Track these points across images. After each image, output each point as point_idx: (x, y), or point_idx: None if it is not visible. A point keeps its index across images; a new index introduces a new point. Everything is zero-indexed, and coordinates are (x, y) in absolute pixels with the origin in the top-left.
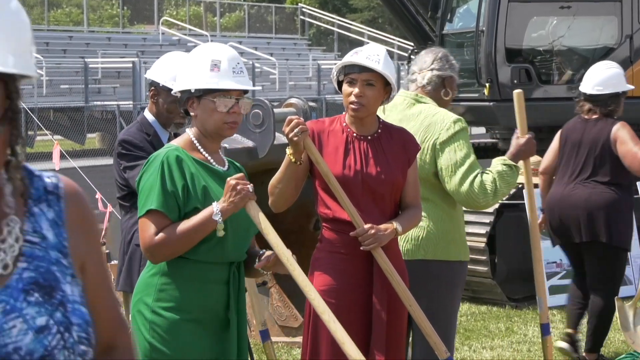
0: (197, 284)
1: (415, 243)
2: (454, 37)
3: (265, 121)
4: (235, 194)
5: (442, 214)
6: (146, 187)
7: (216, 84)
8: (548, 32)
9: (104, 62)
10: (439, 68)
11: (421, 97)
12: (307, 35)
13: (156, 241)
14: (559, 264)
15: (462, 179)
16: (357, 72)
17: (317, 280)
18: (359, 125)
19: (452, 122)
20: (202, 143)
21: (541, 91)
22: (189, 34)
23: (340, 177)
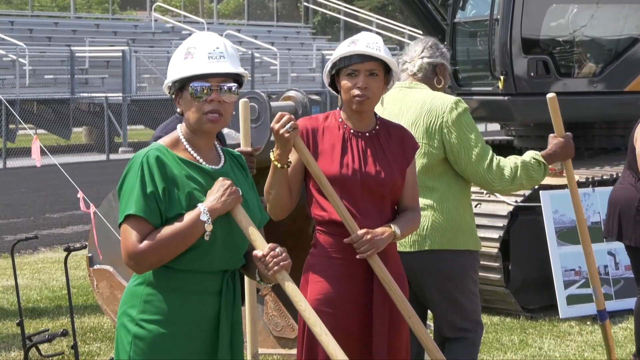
0: (186, 295)
1: (421, 234)
2: (466, 26)
3: (261, 115)
4: (226, 192)
5: (449, 203)
6: (126, 191)
7: (187, 71)
8: (568, 21)
9: (91, 51)
10: (430, 55)
11: (415, 84)
12: (311, 23)
13: (140, 249)
14: (577, 271)
15: (478, 160)
16: (359, 62)
17: (311, 288)
18: (357, 120)
19: (453, 104)
20: (192, 141)
21: (560, 85)
22: (184, 21)
23: (337, 176)
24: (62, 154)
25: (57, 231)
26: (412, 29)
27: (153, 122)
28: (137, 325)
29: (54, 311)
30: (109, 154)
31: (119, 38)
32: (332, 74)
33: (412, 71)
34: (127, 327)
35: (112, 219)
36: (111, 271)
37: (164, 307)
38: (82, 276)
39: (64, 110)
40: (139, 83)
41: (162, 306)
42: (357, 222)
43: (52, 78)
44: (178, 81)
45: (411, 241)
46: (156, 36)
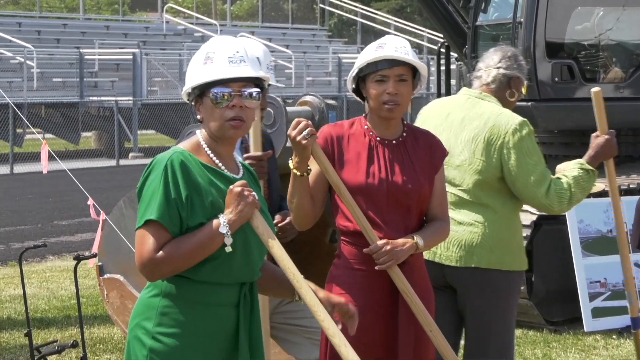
0: (204, 307)
1: (468, 249)
2: (488, 29)
3: (277, 121)
4: (242, 202)
5: (500, 221)
6: (147, 195)
7: (207, 77)
8: (594, 24)
9: (101, 53)
10: (506, 67)
11: (485, 96)
12: (327, 26)
13: (157, 258)
14: (603, 283)
15: (535, 186)
16: (387, 67)
17: None
18: (384, 128)
19: (518, 125)
20: (213, 148)
21: (585, 90)
22: (196, 22)
23: (363, 186)
24: (71, 159)
25: (66, 239)
26: (432, 31)
27: (164, 127)
28: (153, 339)
29: (63, 321)
30: (118, 160)
31: (129, 40)
32: (357, 80)
33: (485, 81)
34: (141, 340)
35: (123, 227)
36: (122, 280)
37: (182, 319)
38: (91, 285)
39: (73, 114)
40: (150, 86)
41: (180, 319)
42: (382, 232)
43: (61, 81)
44: (198, 87)
45: (457, 256)
46: (167, 38)
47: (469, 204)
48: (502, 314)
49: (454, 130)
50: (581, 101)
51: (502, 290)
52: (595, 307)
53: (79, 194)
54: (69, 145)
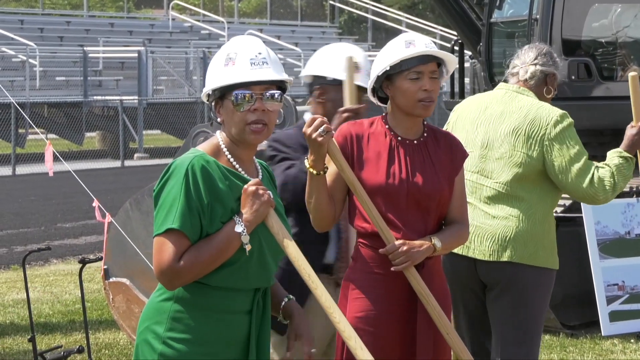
0: (217, 314)
1: (502, 244)
2: (503, 26)
3: (287, 120)
4: (256, 201)
5: (535, 217)
6: (167, 201)
7: (229, 79)
8: (611, 21)
9: (105, 52)
10: (543, 63)
11: (523, 90)
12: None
13: (178, 267)
14: (620, 286)
15: (579, 176)
16: (423, 63)
17: (351, 305)
18: (407, 127)
19: (559, 117)
20: (233, 151)
21: (602, 88)
22: (203, 20)
23: (383, 186)
24: (75, 160)
25: (70, 242)
26: (444, 29)
27: (170, 127)
28: (163, 344)
29: (67, 326)
30: (123, 161)
31: (134, 38)
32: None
33: (523, 77)
34: (152, 344)
35: (129, 229)
36: (128, 284)
37: (194, 325)
38: (96, 289)
39: (77, 114)
40: (156, 85)
41: (192, 324)
42: (401, 234)
43: (64, 80)
44: (218, 89)
45: (491, 250)
46: (174, 36)
47: (504, 198)
48: (530, 312)
49: (493, 123)
50: (598, 100)
51: (534, 287)
52: (613, 310)
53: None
54: (73, 146)
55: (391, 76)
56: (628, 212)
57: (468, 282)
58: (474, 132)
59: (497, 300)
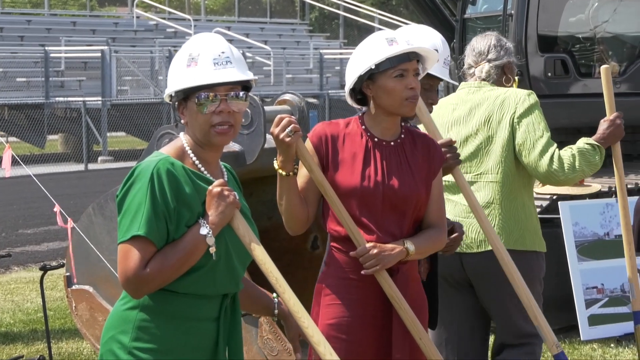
0: (184, 322)
1: None
2: (477, 22)
3: (254, 121)
4: (222, 202)
5: (516, 201)
6: (132, 207)
7: (192, 81)
8: (588, 16)
9: (67, 51)
10: (495, 57)
11: (485, 84)
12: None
13: (144, 274)
14: (600, 289)
15: (541, 152)
16: (407, 60)
17: (324, 312)
18: (384, 128)
19: (526, 95)
20: (198, 153)
21: (580, 85)
22: (169, 17)
23: (357, 189)
24: (36, 163)
25: (31, 248)
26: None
27: (135, 129)
28: (129, 354)
29: (29, 336)
30: (87, 164)
31: (97, 37)
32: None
33: (479, 77)
34: (117, 354)
35: (92, 235)
36: (91, 292)
37: (160, 334)
38: (59, 297)
39: (38, 116)
40: (120, 86)
41: (158, 333)
42: (375, 237)
43: (25, 81)
44: (181, 91)
45: (478, 241)
46: (138, 34)
47: (485, 187)
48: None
49: (464, 121)
50: (576, 97)
51: (525, 271)
52: (592, 314)
53: (44, 201)
54: (34, 149)
55: (374, 75)
56: (607, 212)
57: (457, 279)
58: (446, 135)
59: (491, 292)
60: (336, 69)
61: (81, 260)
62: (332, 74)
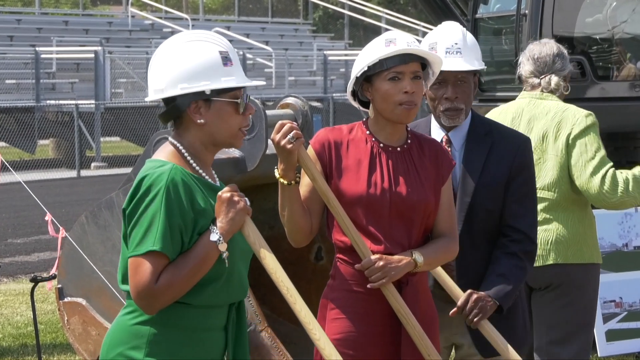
0: (195, 333)
1: (545, 247)
2: (489, 22)
3: (255, 126)
4: (232, 209)
5: (572, 217)
6: (145, 219)
7: (236, 81)
8: (606, 16)
9: (59, 52)
10: (561, 68)
11: (547, 96)
12: (311, 20)
13: (157, 289)
14: (618, 303)
15: (592, 173)
16: (403, 63)
17: (330, 326)
18: (389, 133)
19: (583, 117)
20: (197, 156)
21: (597, 89)
22: (165, 17)
23: (364, 196)
24: (26, 170)
25: (21, 259)
26: (427, 25)
27: (130, 134)
28: None
29: (19, 350)
30: (79, 170)
31: (90, 37)
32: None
33: (547, 88)
34: None
35: (85, 245)
36: (84, 304)
37: (175, 348)
38: (50, 310)
39: (28, 119)
40: (114, 88)
41: (172, 347)
42: (383, 247)
43: (15, 83)
44: (215, 90)
45: (536, 256)
46: (133, 34)
47: (541, 203)
48: (582, 309)
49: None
50: (592, 101)
51: (581, 283)
52: (610, 329)
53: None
54: (24, 155)
55: (370, 77)
56: (625, 222)
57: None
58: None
59: (546, 301)
60: (341, 71)
61: (74, 272)
62: (337, 76)
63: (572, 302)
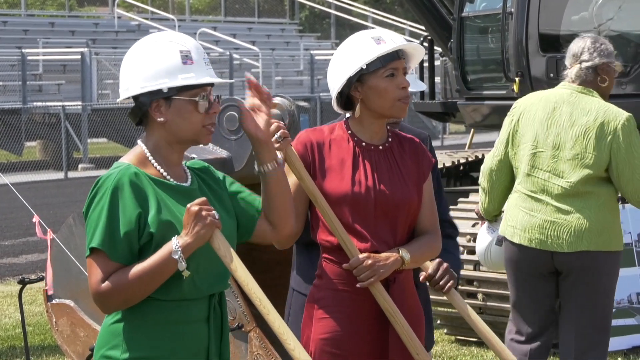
0: (173, 326)
1: (578, 235)
2: (476, 20)
3: None
4: (199, 223)
5: (604, 206)
6: (92, 220)
7: (195, 79)
8: (592, 14)
9: (45, 53)
10: (587, 59)
11: (588, 91)
12: (298, 20)
13: (102, 289)
14: None
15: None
16: (397, 59)
17: (316, 326)
18: (372, 132)
19: (626, 120)
20: (163, 156)
21: None
22: (151, 17)
23: (349, 195)
24: (13, 172)
25: (9, 261)
26: (414, 24)
27: (117, 135)
28: None
29: (7, 352)
30: (67, 172)
31: (77, 38)
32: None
33: (571, 78)
34: None
35: (73, 247)
36: (72, 306)
37: (151, 342)
38: (38, 312)
39: (15, 121)
40: (101, 90)
41: (150, 341)
42: (369, 245)
43: (1, 85)
44: (175, 88)
45: (568, 242)
46: (120, 35)
47: (575, 194)
48: (605, 295)
49: (563, 125)
50: None
51: (607, 270)
52: None
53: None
54: (11, 157)
55: (363, 77)
56: None
57: (543, 272)
58: (545, 132)
59: (573, 286)
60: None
61: (61, 273)
62: (324, 76)
63: (598, 287)
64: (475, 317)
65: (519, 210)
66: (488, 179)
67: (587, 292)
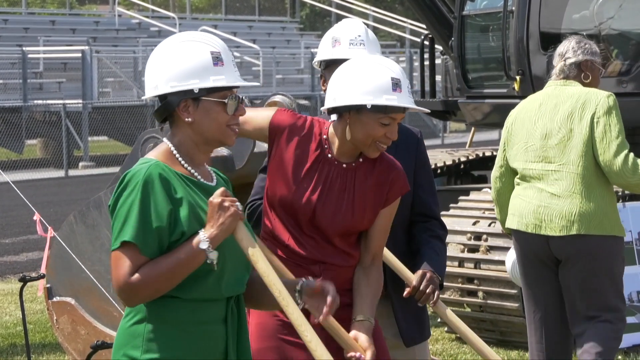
0: (192, 327)
1: (569, 219)
2: (476, 19)
3: None
4: (223, 214)
5: (595, 192)
6: (122, 213)
7: (225, 81)
8: (593, 12)
9: (46, 52)
10: (571, 56)
11: (569, 82)
12: (299, 18)
13: (132, 282)
14: None
15: (616, 152)
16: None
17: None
18: (342, 149)
19: (605, 97)
20: (189, 154)
21: None
22: (152, 16)
23: (288, 199)
24: (14, 170)
25: (10, 259)
26: (414, 22)
27: (118, 133)
28: None
29: (8, 350)
30: (67, 170)
31: (77, 36)
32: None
33: (555, 75)
34: None
35: (74, 244)
36: (73, 304)
37: (171, 342)
38: (39, 310)
39: (16, 120)
40: (102, 88)
41: (169, 342)
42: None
43: (1, 83)
44: (205, 89)
45: (560, 226)
46: (120, 34)
47: (567, 178)
48: (604, 279)
49: (549, 115)
50: None
51: (604, 254)
52: None
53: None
54: (12, 155)
55: (362, 109)
56: None
57: (543, 258)
58: (533, 126)
59: (570, 272)
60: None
61: (62, 271)
62: None
63: (597, 272)
64: (459, 322)
65: (518, 200)
66: (495, 187)
67: (584, 277)
